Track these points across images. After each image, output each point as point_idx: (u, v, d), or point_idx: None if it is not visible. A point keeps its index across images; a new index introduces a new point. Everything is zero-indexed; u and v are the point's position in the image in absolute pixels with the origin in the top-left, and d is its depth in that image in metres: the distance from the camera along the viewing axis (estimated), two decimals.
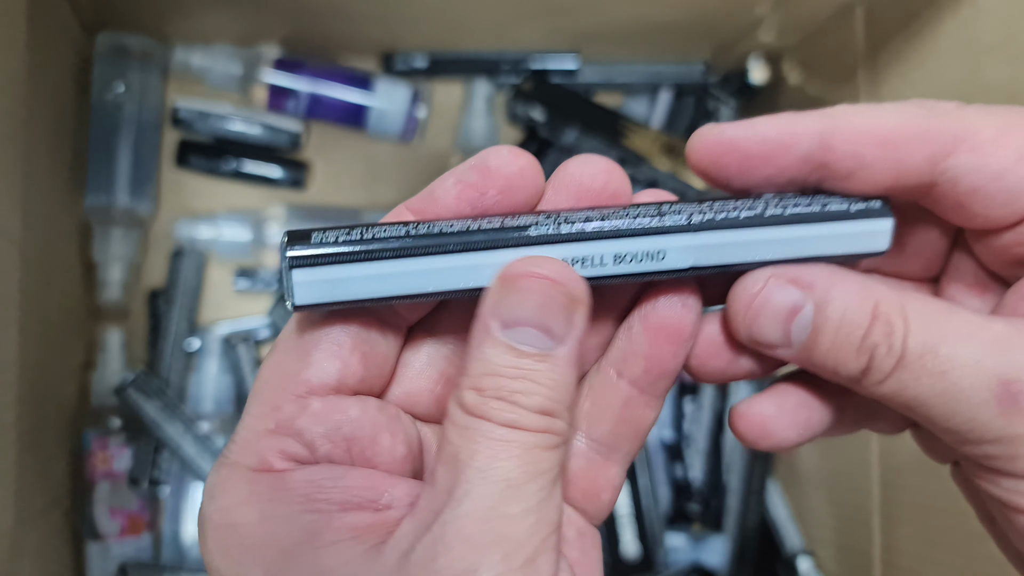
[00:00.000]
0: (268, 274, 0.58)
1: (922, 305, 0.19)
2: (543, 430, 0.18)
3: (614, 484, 0.23)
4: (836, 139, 0.19)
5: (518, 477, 0.17)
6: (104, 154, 0.53)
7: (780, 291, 0.20)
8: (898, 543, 0.46)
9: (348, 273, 0.18)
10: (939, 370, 0.18)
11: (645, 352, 0.21)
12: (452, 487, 0.17)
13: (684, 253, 0.20)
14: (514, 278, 0.18)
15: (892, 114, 0.19)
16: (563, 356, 0.18)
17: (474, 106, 0.60)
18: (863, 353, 0.19)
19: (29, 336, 0.42)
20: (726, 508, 0.59)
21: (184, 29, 0.56)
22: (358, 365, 0.20)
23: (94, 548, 0.51)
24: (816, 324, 0.20)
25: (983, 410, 0.18)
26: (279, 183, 0.59)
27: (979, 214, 0.20)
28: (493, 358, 0.18)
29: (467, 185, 0.20)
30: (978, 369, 0.18)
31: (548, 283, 0.18)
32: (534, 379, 0.18)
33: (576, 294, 0.19)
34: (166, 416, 0.52)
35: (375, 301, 0.19)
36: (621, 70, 0.61)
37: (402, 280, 0.19)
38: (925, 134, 0.19)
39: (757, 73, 0.59)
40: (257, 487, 0.19)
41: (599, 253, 0.19)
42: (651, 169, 0.56)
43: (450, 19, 0.55)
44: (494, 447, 0.17)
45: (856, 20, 0.48)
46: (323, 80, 0.57)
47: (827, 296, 0.20)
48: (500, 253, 0.19)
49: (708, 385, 0.60)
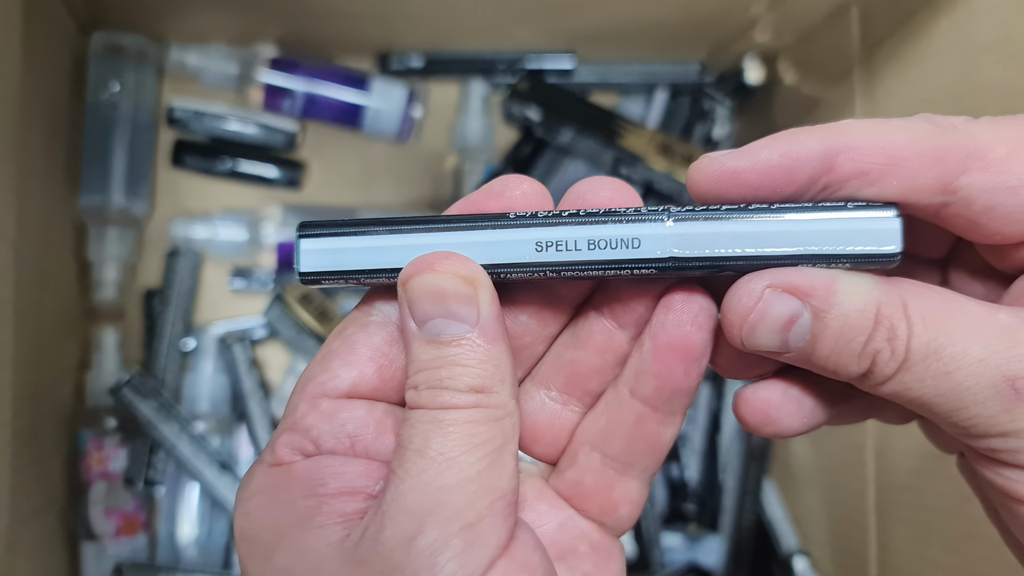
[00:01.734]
0: (264, 274, 0.58)
1: (925, 300, 0.19)
2: (474, 405, 0.19)
3: (632, 498, 0.23)
4: (842, 158, 0.19)
5: (452, 450, 0.18)
6: (99, 153, 0.53)
7: (778, 302, 0.19)
8: (893, 543, 0.46)
9: (346, 244, 0.21)
10: (944, 371, 0.18)
11: (655, 371, 0.21)
12: (398, 470, 0.19)
13: (660, 242, 0.19)
14: (408, 278, 0.20)
15: (900, 131, 0.19)
16: (480, 336, 0.19)
17: (470, 106, 0.60)
18: (865, 358, 0.19)
19: (24, 336, 0.42)
20: (722, 508, 0.59)
21: (179, 28, 0.56)
22: (373, 375, 0.21)
23: (89, 548, 0.51)
24: (815, 332, 0.19)
25: (988, 406, 0.18)
26: (275, 183, 0.59)
27: (996, 231, 0.19)
28: (419, 354, 0.20)
29: (472, 203, 0.21)
30: (983, 367, 0.18)
31: (438, 274, 0.19)
32: (457, 362, 0.19)
33: (469, 276, 0.19)
34: (162, 416, 0.52)
35: (370, 274, 0.21)
36: (617, 70, 0.61)
37: (393, 253, 0.20)
38: (935, 152, 0.19)
39: (753, 73, 0.59)
40: (268, 478, 0.21)
41: (572, 237, 0.20)
42: (647, 169, 0.56)
43: (446, 19, 0.55)
44: (428, 428, 0.19)
45: (851, 20, 0.49)
46: (319, 80, 0.57)
47: (826, 303, 0.19)
48: (482, 233, 0.20)
49: (704, 385, 0.60)
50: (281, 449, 0.21)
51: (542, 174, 0.59)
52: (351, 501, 0.20)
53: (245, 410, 0.55)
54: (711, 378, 0.60)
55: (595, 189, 0.21)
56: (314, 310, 0.55)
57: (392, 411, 0.22)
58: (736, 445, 0.59)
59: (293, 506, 0.20)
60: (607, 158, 0.58)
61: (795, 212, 0.19)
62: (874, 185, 0.19)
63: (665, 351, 0.21)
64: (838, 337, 0.19)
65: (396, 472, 0.19)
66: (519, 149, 0.60)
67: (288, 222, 0.57)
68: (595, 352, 0.22)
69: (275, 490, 0.20)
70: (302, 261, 0.21)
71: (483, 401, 0.19)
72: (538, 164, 0.60)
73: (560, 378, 0.23)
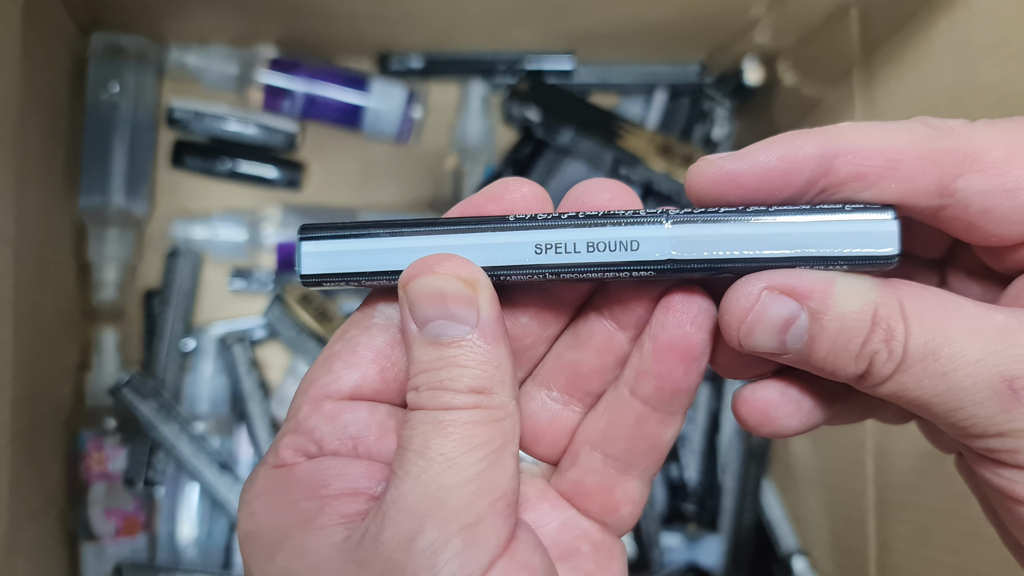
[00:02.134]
0: (264, 274, 0.58)
1: (922, 302, 0.19)
2: (474, 406, 0.19)
3: (634, 498, 0.23)
4: (839, 160, 0.19)
5: (452, 450, 0.19)
6: (99, 154, 0.53)
7: (775, 304, 0.19)
8: (893, 543, 0.46)
9: (347, 247, 0.21)
10: (941, 372, 0.18)
11: (655, 371, 0.21)
12: (399, 471, 0.19)
13: (659, 244, 0.20)
14: (409, 280, 0.20)
15: (898, 134, 0.19)
16: (480, 337, 0.19)
17: (470, 107, 0.60)
18: (862, 360, 0.19)
19: (24, 337, 0.42)
20: (721, 508, 0.59)
21: (179, 29, 0.56)
22: (375, 377, 0.21)
23: (89, 549, 0.51)
24: (812, 333, 0.19)
25: (986, 407, 0.18)
26: (275, 183, 0.59)
27: (993, 233, 0.19)
28: (420, 356, 0.20)
29: (471, 206, 0.22)
30: (980, 367, 0.18)
31: (438, 276, 0.19)
32: (458, 363, 0.19)
33: (469, 278, 0.20)
34: (161, 417, 0.52)
35: (371, 276, 0.21)
36: (617, 71, 0.61)
37: (394, 256, 0.21)
38: (932, 155, 0.19)
39: (752, 74, 0.59)
40: (271, 479, 0.21)
41: (571, 240, 0.20)
42: (646, 170, 0.56)
43: (446, 20, 0.55)
44: (428, 429, 0.19)
45: (851, 21, 0.49)
46: (319, 80, 0.57)
47: (823, 305, 0.19)
48: (481, 236, 0.20)
49: (703, 386, 0.60)
50: (284, 451, 0.21)
51: (542, 175, 0.59)
52: (353, 502, 0.20)
53: (245, 410, 0.55)
54: (710, 378, 0.60)
55: (594, 191, 0.21)
56: (314, 311, 0.55)
57: (395, 413, 0.22)
58: (736, 445, 0.59)
59: (296, 507, 0.20)
60: (607, 159, 0.58)
61: (792, 215, 0.19)
62: (872, 188, 0.19)
63: (665, 351, 0.21)
64: (835, 339, 0.19)
65: (396, 473, 0.19)
66: (519, 150, 0.60)
67: (288, 223, 0.57)
68: (595, 353, 0.23)
69: (278, 491, 0.20)
70: (304, 263, 0.21)
71: (483, 402, 0.19)
72: (538, 165, 0.60)
73: (561, 379, 0.23)
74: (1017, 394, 0.18)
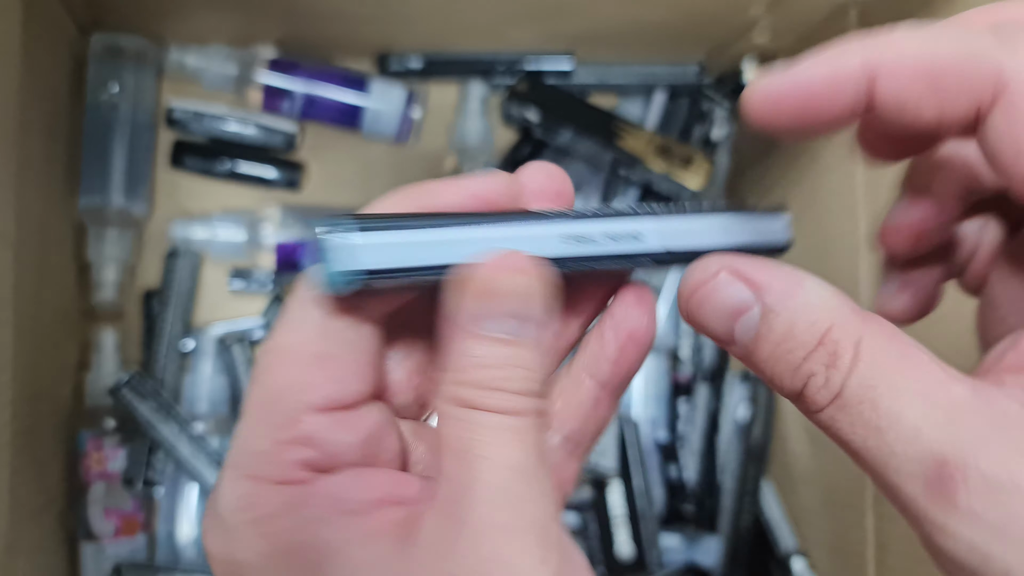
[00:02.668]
0: (263, 275, 0.58)
1: (885, 344, 0.17)
2: (531, 411, 0.19)
3: (574, 478, 0.24)
4: (879, 83, 0.18)
5: (523, 460, 0.18)
6: (98, 154, 0.53)
7: (729, 287, 0.19)
8: (891, 543, 0.46)
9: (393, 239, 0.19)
10: (875, 425, 0.17)
11: (614, 357, 0.22)
12: (465, 478, 0.18)
13: (656, 236, 0.22)
14: (481, 272, 0.19)
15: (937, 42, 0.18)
16: (535, 339, 0.19)
17: (469, 107, 0.60)
18: (799, 377, 0.18)
19: (23, 337, 0.42)
20: (720, 508, 0.59)
21: (179, 30, 0.56)
22: (370, 383, 0.21)
23: (88, 549, 0.51)
24: (760, 331, 0.18)
25: (911, 484, 0.16)
26: (274, 184, 0.59)
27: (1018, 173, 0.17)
28: (474, 350, 0.19)
29: None
30: (916, 438, 0.16)
31: (514, 273, 0.19)
32: (515, 364, 0.19)
33: (540, 279, 0.19)
34: (161, 417, 0.52)
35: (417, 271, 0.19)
36: (615, 71, 0.61)
37: (427, 250, 0.19)
38: (962, 77, 0.17)
39: (751, 75, 0.59)
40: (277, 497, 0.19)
41: (593, 232, 0.21)
42: (645, 170, 0.56)
43: (445, 20, 0.55)
44: (493, 435, 0.18)
45: (850, 21, 0.49)
46: (318, 81, 0.57)
47: (779, 304, 0.18)
48: (514, 227, 0.20)
49: (702, 386, 0.60)
50: (288, 468, 0.19)
51: None
52: (392, 511, 0.19)
53: None
54: (710, 378, 0.60)
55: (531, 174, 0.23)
56: None
57: (382, 409, 0.21)
58: (734, 446, 0.59)
59: (329, 523, 0.18)
60: (606, 159, 0.58)
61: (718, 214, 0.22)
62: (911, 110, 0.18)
63: (627, 339, 0.22)
64: (778, 343, 0.18)
65: (467, 483, 0.18)
66: (518, 150, 0.60)
67: (287, 223, 0.57)
68: (553, 339, 0.24)
69: (292, 511, 0.19)
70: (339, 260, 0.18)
71: (536, 406, 0.19)
72: None
73: None
74: (944, 484, 0.15)
